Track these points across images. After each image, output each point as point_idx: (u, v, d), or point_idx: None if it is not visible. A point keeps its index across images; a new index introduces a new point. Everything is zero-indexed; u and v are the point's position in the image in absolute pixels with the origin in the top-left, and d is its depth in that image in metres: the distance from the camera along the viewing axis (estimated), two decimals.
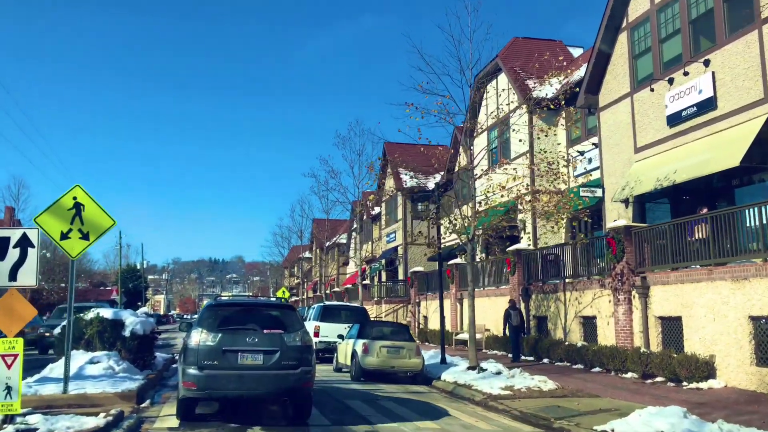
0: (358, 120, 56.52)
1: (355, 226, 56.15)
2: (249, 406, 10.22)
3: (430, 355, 18.33)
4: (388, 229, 45.67)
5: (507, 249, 20.88)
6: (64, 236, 10.56)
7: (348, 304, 23.80)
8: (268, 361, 8.72)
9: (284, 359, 8.77)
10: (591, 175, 22.79)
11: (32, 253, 9.06)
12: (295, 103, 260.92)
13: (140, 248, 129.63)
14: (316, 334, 19.92)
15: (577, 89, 21.20)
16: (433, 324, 28.20)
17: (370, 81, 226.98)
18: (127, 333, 13.61)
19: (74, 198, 10.68)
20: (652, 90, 17.58)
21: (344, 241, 60.10)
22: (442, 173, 41.30)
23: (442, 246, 37.56)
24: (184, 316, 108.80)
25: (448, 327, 26.37)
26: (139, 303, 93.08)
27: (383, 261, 46.25)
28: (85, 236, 10.68)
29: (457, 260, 26.18)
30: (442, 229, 17.29)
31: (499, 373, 14.85)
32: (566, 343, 16.92)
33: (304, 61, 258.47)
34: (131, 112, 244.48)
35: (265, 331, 8.98)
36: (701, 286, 12.80)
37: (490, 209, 16.60)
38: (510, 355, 18.96)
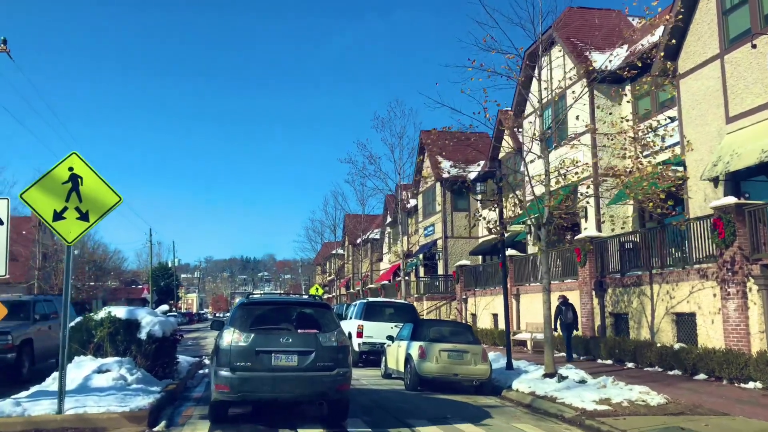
0: (399, 100, 52.99)
1: (389, 220, 53.96)
2: (283, 409, 9.55)
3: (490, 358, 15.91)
4: (426, 222, 43.25)
5: (576, 237, 18.30)
6: (58, 216, 8.44)
7: (394, 300, 21.46)
8: (303, 363, 8.31)
9: (320, 360, 8.36)
10: (665, 153, 20.10)
11: (0, 232, 6.92)
12: (330, 95, 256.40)
13: (172, 246, 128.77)
14: (360, 335, 17.65)
15: (647, 58, 18.62)
16: (483, 323, 25.75)
17: (408, 71, 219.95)
18: (143, 335, 11.51)
19: (70, 169, 8.56)
20: (753, 46, 14.87)
21: (377, 237, 57.88)
22: (483, 161, 38.88)
23: (488, 238, 35.06)
24: (217, 315, 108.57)
25: (501, 326, 23.92)
26: (171, 301, 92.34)
27: (421, 256, 43.82)
28: (83, 216, 8.55)
29: (511, 251, 23.69)
30: (504, 213, 14.91)
31: (583, 381, 12.39)
32: (658, 344, 14.33)
33: (337, 52, 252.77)
34: (160, 105, 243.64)
35: (299, 331, 8.57)
36: None
37: (567, 185, 14.12)
38: (583, 358, 16.48)
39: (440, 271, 39.34)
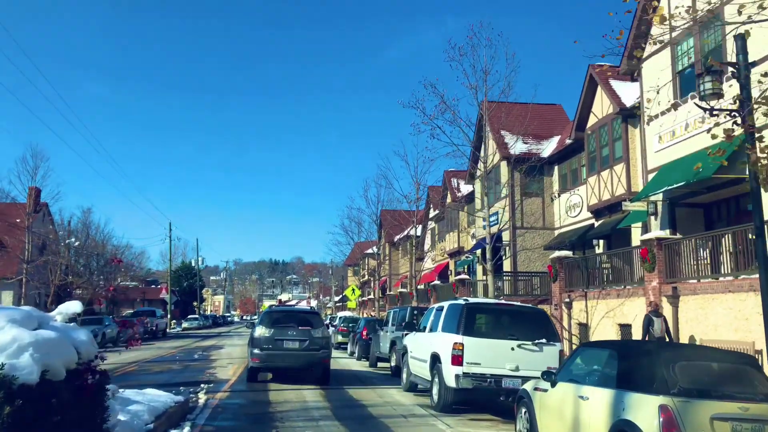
0: (483, 23, 31.35)
1: (433, 213, 46.63)
2: (291, 374, 15.45)
3: None
4: (484, 212, 35.60)
5: None
6: None
7: (511, 303, 13.47)
8: (302, 346, 14.49)
9: (311, 345, 14.54)
10: None
11: None
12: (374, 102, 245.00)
13: (196, 245, 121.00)
14: (458, 360, 10.14)
15: None
16: (603, 338, 17.91)
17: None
18: None
19: None
20: None
21: (418, 233, 50.49)
22: (559, 136, 31.43)
23: (570, 228, 27.44)
24: (244, 317, 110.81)
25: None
26: (195, 303, 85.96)
27: (478, 252, 36.22)
28: None
29: (657, 233, 16.15)
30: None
31: None
32: None
33: (384, 64, 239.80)
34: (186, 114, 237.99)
35: (300, 327, 14.70)
36: None
37: None
38: None
39: (506, 268, 31.79)
